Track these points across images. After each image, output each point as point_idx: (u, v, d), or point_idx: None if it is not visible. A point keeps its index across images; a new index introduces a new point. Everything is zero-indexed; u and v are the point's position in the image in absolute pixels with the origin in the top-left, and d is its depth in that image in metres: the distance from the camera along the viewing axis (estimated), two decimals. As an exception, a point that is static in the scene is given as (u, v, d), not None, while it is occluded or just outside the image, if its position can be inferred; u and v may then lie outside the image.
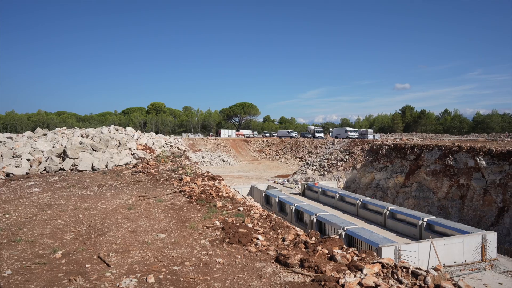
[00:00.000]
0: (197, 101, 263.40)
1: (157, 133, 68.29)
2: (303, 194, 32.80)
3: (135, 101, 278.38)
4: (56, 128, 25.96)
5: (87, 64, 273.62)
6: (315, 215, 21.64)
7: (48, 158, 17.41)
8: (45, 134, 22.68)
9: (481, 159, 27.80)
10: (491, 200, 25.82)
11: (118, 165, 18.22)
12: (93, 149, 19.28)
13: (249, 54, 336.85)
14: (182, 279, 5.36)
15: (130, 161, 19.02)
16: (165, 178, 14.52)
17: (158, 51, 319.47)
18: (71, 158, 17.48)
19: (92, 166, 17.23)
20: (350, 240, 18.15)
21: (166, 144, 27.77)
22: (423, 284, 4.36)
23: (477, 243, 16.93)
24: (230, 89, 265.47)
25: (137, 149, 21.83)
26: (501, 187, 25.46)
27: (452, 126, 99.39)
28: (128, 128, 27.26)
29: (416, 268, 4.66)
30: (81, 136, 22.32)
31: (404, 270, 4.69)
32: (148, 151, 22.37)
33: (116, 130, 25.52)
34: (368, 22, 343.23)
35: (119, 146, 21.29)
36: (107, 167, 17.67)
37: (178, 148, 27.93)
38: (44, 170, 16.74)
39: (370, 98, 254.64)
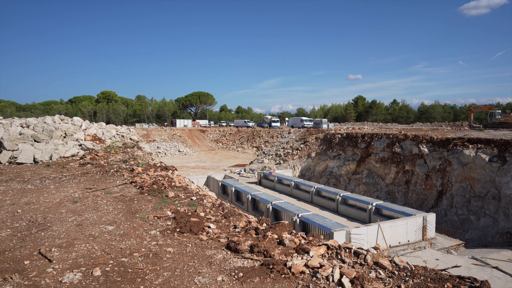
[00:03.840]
0: (151, 90, 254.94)
1: (108, 123, 65.24)
2: (259, 183, 33.23)
3: (84, 89, 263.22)
4: (-8, 118, 23.82)
5: (27, 48, 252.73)
6: (271, 203, 22.05)
7: (-18, 150, 16.00)
8: (-21, 125, 20.73)
9: (424, 146, 29.81)
10: (431, 184, 27.87)
11: (64, 157, 17.19)
12: (35, 140, 18.00)
13: (205, 44, 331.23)
14: (130, 270, 5.23)
15: (78, 153, 18.04)
16: (115, 169, 13.96)
17: (109, 37, 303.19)
18: (8, 150, 16.20)
19: (34, 158, 16.11)
20: (304, 226, 18.75)
21: (117, 134, 26.61)
22: (363, 262, 4.63)
23: (419, 224, 18.29)
24: (186, 78, 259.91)
25: (85, 140, 20.70)
26: (440, 172, 27.55)
27: (399, 116, 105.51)
28: (75, 118, 25.68)
29: (358, 248, 4.92)
30: (21, 126, 20.68)
31: (347, 250, 4.94)
32: (97, 141, 21.31)
33: (62, 120, 23.93)
34: (321, 11, 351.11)
35: (65, 137, 20.04)
36: (51, 159, 16.62)
37: (131, 139, 26.91)
38: (-21, 163, 15.39)
39: (324, 89, 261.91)
